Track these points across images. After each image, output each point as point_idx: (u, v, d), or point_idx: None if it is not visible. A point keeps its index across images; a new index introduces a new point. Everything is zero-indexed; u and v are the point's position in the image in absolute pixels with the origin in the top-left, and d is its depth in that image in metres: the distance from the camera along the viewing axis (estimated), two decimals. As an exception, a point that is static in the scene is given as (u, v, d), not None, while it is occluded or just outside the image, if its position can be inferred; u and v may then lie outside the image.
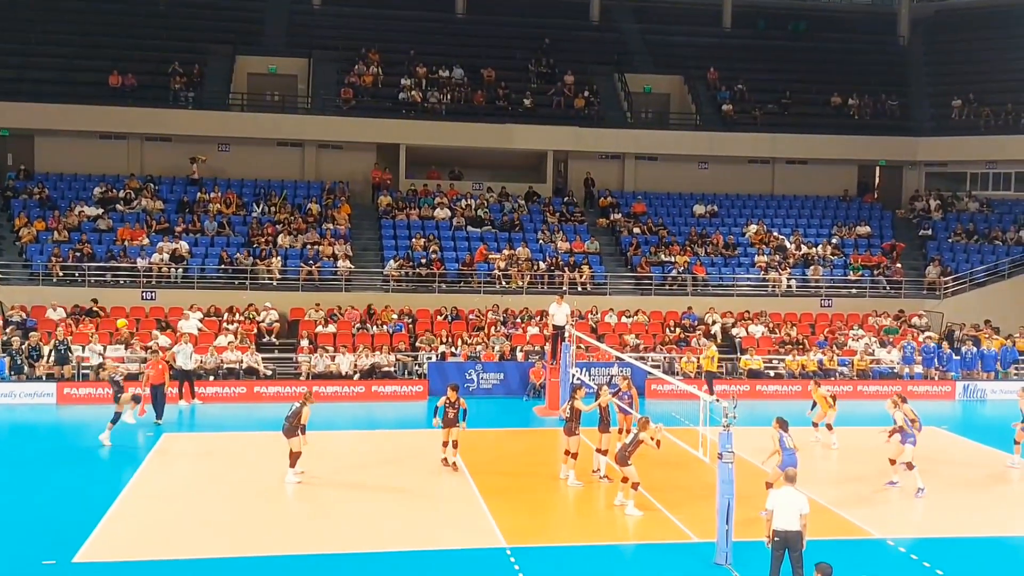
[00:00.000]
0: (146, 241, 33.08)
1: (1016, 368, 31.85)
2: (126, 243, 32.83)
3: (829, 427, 22.87)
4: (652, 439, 17.21)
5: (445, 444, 20.29)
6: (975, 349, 31.69)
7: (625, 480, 17.46)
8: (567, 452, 19.38)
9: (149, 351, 26.70)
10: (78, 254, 31.84)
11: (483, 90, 39.71)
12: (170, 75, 37.23)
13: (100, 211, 34.33)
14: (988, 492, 19.88)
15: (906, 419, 19.44)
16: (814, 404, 23.36)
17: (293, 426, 19.11)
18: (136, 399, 22.49)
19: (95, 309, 30.32)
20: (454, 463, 20.10)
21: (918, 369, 31.08)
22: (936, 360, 31.33)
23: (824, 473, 20.32)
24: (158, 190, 35.90)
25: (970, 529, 17.30)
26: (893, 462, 19.64)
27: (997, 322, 33.59)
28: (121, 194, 35.25)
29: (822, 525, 17.02)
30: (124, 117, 36.21)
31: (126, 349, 28.24)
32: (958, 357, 31.50)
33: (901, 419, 19.48)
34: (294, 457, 19.22)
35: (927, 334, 32.63)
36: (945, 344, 32.37)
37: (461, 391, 28.38)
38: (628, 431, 19.69)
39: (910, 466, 19.28)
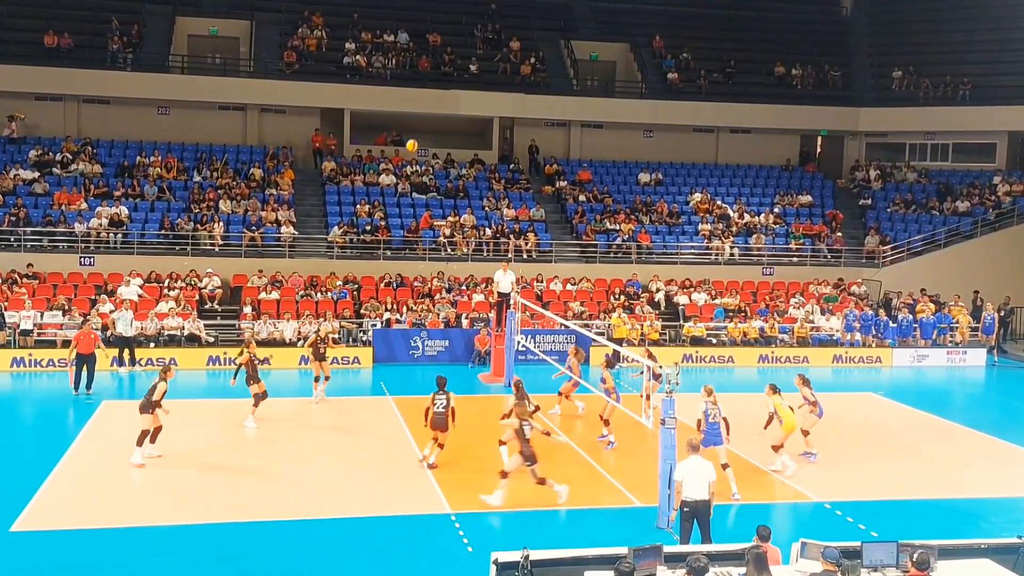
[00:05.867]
0: (84, 206, 32.44)
1: (950, 336, 32.60)
2: (63, 207, 32.17)
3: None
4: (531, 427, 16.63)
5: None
6: (911, 317, 32.38)
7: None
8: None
9: (85, 318, 26.31)
10: (13, 218, 31.15)
11: (428, 55, 39.38)
12: (108, 36, 36.38)
13: (36, 174, 33.58)
14: (921, 456, 20.37)
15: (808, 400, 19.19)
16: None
17: (147, 402, 18.06)
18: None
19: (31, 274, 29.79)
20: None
21: (858, 336, 31.65)
22: (873, 328, 31.94)
23: (768, 440, 20.59)
24: (96, 153, 35.19)
25: (903, 492, 17.71)
26: (806, 433, 19.29)
27: (933, 290, 34.30)
28: (58, 157, 34.49)
29: (765, 490, 17.39)
30: (60, 78, 35.36)
31: (64, 316, 27.77)
32: (895, 325, 32.15)
33: (810, 395, 19.16)
34: (142, 435, 18.03)
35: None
36: (882, 312, 33.00)
37: (405, 358, 28.73)
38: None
39: (806, 432, 19.12)
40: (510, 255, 33.08)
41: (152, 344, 27.60)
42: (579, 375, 22.39)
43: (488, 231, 34.63)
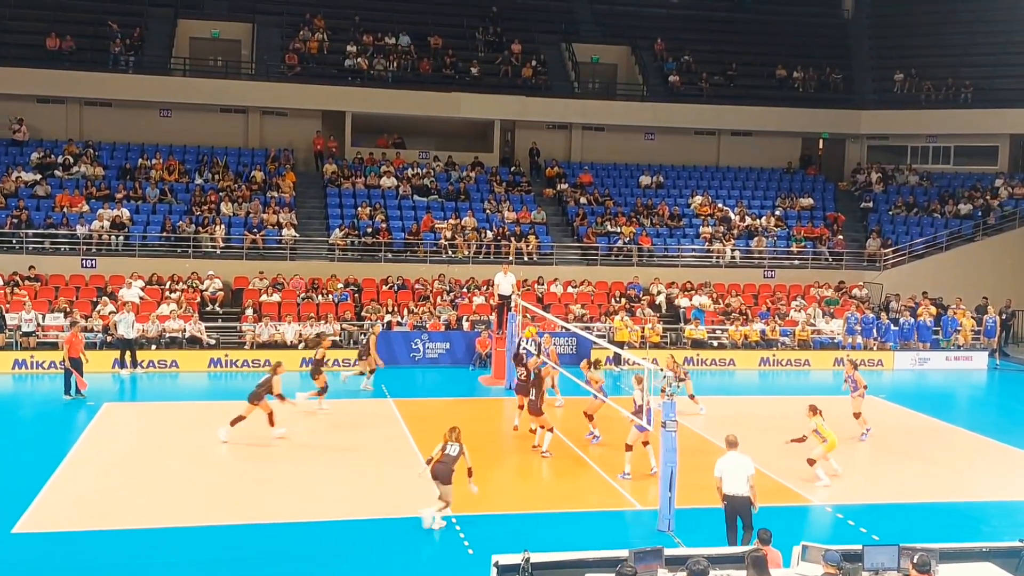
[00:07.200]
0: (86, 208, 32.46)
1: (955, 339, 32.54)
2: (65, 210, 32.19)
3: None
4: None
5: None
6: (912, 320, 32.34)
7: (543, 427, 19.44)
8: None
9: (72, 322, 26.37)
10: (15, 220, 31.17)
11: (430, 58, 39.38)
12: (110, 38, 36.41)
13: (38, 177, 33.61)
14: (923, 460, 20.35)
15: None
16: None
17: (256, 392, 19.75)
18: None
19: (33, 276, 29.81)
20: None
21: (859, 340, 31.62)
22: (875, 330, 31.91)
23: (771, 443, 20.61)
24: (98, 156, 35.21)
25: (905, 495, 17.69)
26: (858, 415, 21.34)
27: (934, 294, 34.27)
28: (60, 159, 34.51)
29: (767, 493, 17.34)
30: (62, 81, 35.37)
31: (65, 318, 27.78)
32: (896, 328, 32.11)
33: (861, 379, 21.37)
34: (236, 418, 19.59)
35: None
36: (883, 314, 32.97)
37: (407, 360, 28.72)
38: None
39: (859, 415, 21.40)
40: (511, 257, 33.09)
41: (153, 346, 27.61)
42: (556, 361, 23.57)
43: (489, 233, 34.63)
